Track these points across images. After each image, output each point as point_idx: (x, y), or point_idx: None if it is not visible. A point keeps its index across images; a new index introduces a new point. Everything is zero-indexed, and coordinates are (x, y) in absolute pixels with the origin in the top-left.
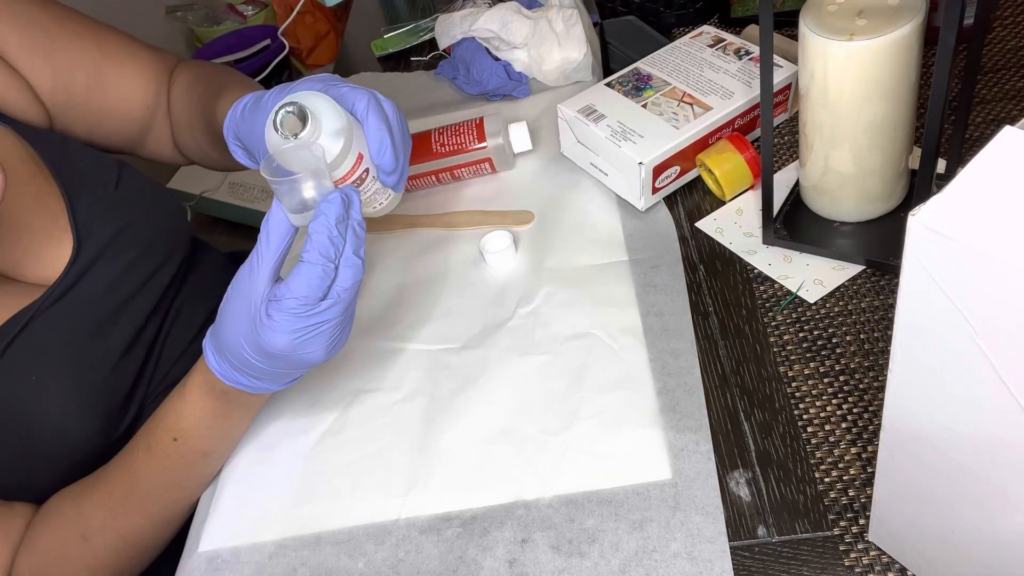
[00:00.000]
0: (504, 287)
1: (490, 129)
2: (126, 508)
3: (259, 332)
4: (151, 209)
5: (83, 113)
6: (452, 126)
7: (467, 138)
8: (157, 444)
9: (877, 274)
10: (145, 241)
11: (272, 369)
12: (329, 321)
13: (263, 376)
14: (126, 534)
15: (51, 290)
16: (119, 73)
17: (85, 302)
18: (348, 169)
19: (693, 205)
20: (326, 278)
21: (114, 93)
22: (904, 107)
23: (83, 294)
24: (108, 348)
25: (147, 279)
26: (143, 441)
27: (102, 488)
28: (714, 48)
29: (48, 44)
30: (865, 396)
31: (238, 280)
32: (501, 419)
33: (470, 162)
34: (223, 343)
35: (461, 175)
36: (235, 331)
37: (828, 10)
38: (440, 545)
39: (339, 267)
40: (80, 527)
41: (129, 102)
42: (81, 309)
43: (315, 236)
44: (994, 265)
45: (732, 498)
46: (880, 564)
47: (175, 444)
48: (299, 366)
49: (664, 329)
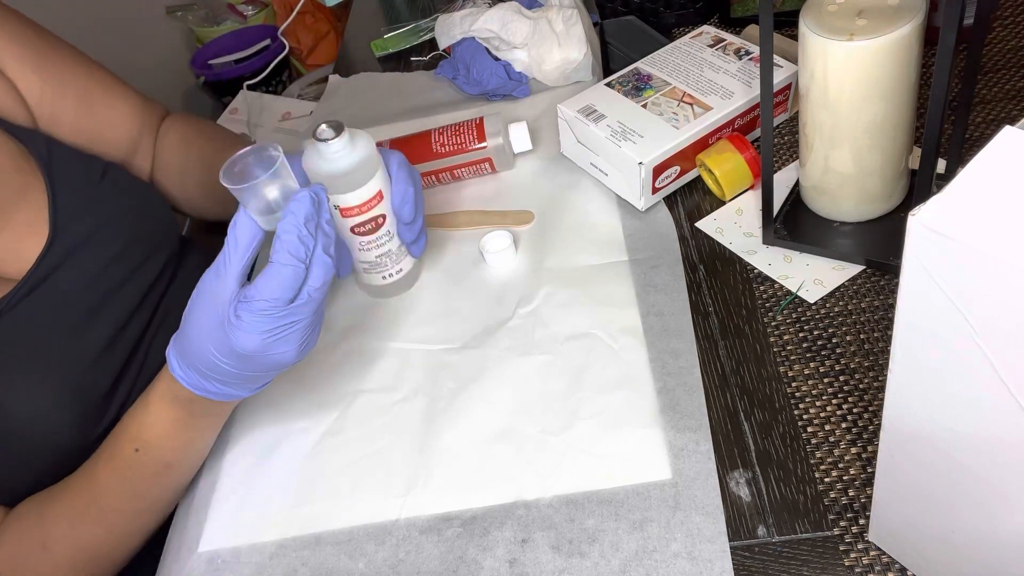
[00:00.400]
0: (504, 287)
1: (490, 129)
2: (86, 519)
3: (228, 333)
4: (136, 206)
5: (71, 131)
6: (452, 126)
7: (467, 138)
8: (119, 455)
9: (877, 274)
10: (128, 237)
11: (242, 372)
12: (300, 320)
13: (232, 381)
14: (86, 545)
15: (21, 284)
16: (107, 101)
17: (60, 296)
18: (366, 199)
19: (693, 205)
20: (297, 278)
21: (102, 117)
22: (904, 107)
23: (58, 288)
24: (86, 344)
25: (130, 275)
26: (106, 451)
27: (65, 497)
28: (714, 48)
29: (39, 61)
30: (865, 396)
31: (203, 284)
32: (501, 419)
33: (470, 162)
34: (189, 349)
35: (461, 175)
36: (201, 336)
37: (828, 10)
38: (440, 545)
39: (310, 266)
40: (41, 536)
41: (115, 130)
42: (55, 303)
43: (284, 236)
44: (994, 265)
45: (732, 498)
46: (880, 564)
47: (137, 455)
48: (270, 368)
49: (664, 329)
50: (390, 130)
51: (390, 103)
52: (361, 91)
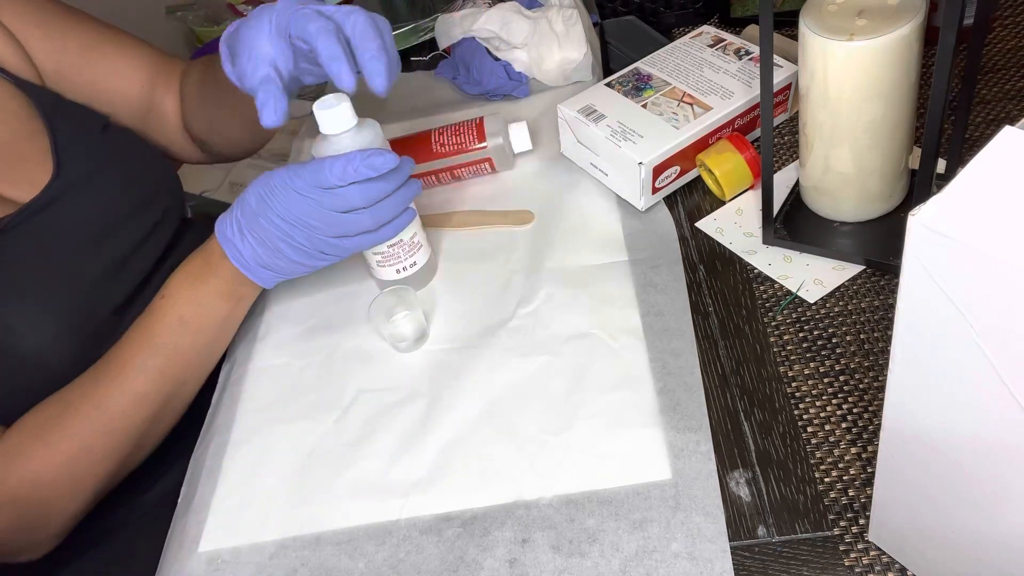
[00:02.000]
0: (504, 287)
1: (490, 129)
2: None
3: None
4: (136, 155)
5: (77, 83)
6: (452, 126)
7: (467, 138)
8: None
9: (877, 274)
10: (125, 180)
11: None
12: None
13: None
14: (104, 404)
15: (26, 206)
16: (112, 52)
17: (61, 223)
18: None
19: (693, 205)
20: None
21: (107, 68)
22: (904, 107)
23: (59, 216)
24: (85, 269)
25: (131, 213)
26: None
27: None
28: (714, 48)
29: (41, 15)
30: (865, 396)
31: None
32: (501, 419)
33: (470, 162)
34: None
35: (461, 175)
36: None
37: (828, 10)
38: (440, 545)
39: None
40: (62, 399)
41: (124, 79)
42: (56, 229)
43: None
44: (994, 265)
45: (732, 498)
46: (880, 564)
47: (160, 301)
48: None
49: (664, 329)
50: (390, 130)
51: (390, 103)
52: (361, 91)
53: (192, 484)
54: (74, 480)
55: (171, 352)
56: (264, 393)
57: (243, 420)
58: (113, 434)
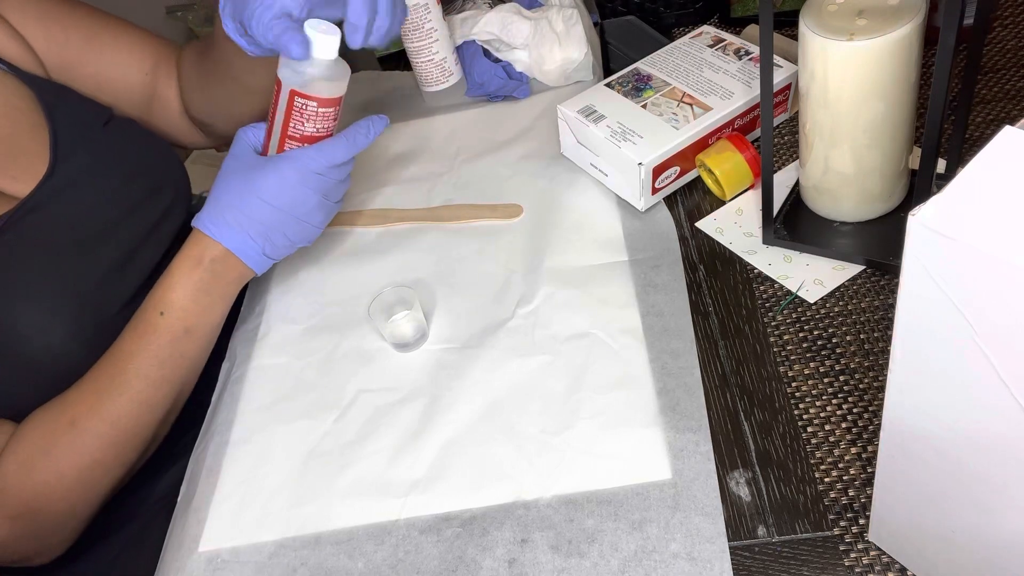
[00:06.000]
0: (504, 287)
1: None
2: (111, 390)
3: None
4: (141, 145)
5: (81, 75)
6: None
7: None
8: (144, 319)
9: (877, 274)
10: (133, 171)
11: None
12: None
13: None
14: (112, 418)
15: (22, 203)
16: (115, 42)
17: (63, 217)
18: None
19: (693, 205)
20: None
21: (110, 57)
22: (904, 107)
23: (60, 211)
24: (91, 264)
25: (134, 207)
26: (131, 322)
27: (90, 375)
28: (714, 48)
29: (42, 10)
30: (865, 396)
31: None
32: (501, 419)
33: (292, 111)
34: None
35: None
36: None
37: (828, 10)
38: (440, 545)
39: None
40: (67, 415)
41: (127, 68)
42: (58, 223)
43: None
44: (994, 265)
45: (732, 498)
46: (880, 564)
47: (162, 319)
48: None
49: (664, 329)
50: (390, 130)
51: (391, 107)
52: (361, 91)
53: (192, 483)
54: (86, 490)
55: (177, 360)
56: (264, 393)
57: (243, 420)
58: (124, 444)
